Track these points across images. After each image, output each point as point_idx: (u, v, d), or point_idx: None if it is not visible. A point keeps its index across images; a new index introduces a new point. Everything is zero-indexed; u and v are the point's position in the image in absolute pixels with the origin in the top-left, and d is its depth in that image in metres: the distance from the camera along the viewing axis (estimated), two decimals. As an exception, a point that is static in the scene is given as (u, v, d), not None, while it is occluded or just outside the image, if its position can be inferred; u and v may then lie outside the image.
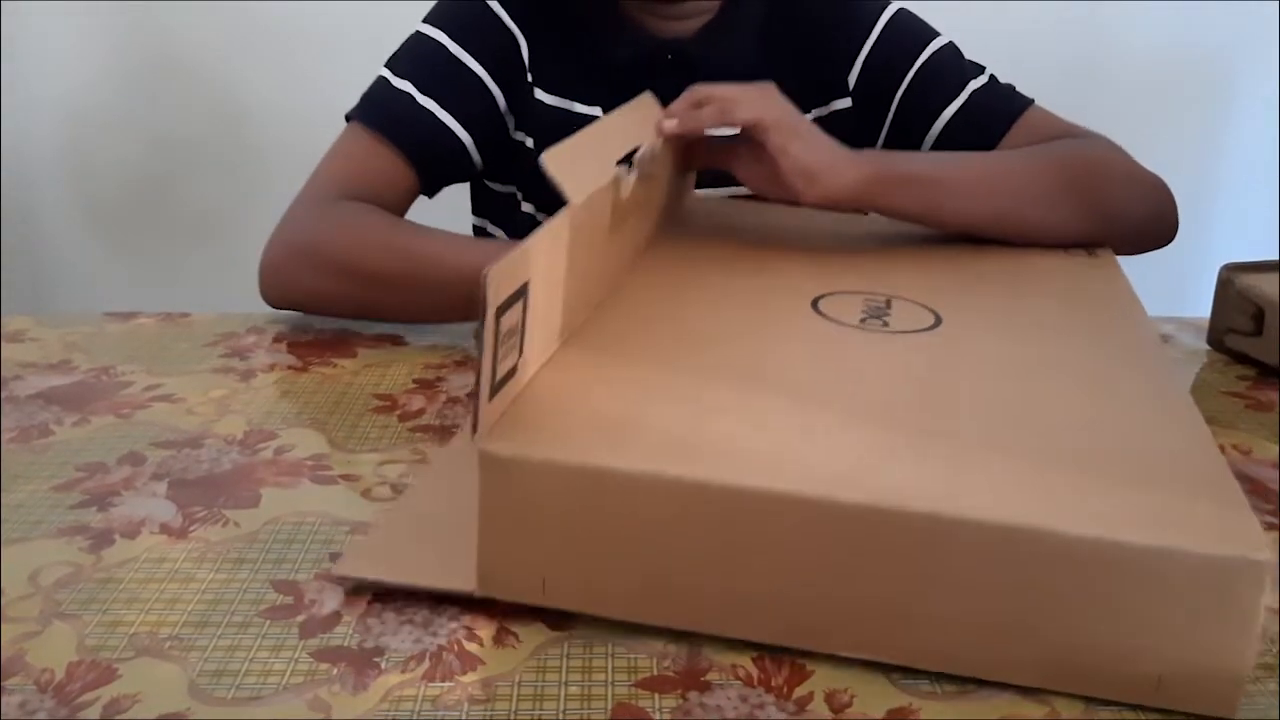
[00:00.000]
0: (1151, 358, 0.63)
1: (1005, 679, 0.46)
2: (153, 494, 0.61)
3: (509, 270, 0.47)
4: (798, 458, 0.49)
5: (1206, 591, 0.43)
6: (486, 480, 0.48)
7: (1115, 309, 0.71)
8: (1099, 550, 0.44)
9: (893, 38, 0.93)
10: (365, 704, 0.45)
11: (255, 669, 0.47)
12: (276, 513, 0.59)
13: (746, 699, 0.46)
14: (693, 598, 0.48)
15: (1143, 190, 0.89)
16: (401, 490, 0.61)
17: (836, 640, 0.47)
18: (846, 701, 0.46)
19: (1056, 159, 0.86)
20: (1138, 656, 0.44)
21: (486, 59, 0.91)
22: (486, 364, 0.46)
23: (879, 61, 0.92)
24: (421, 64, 0.91)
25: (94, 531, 0.57)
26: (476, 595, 0.50)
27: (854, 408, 0.54)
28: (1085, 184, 0.85)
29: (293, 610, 0.51)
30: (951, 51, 0.94)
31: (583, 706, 0.45)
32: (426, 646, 0.49)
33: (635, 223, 0.71)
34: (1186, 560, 0.43)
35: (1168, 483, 0.48)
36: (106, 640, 0.49)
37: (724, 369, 0.58)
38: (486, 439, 0.48)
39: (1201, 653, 0.44)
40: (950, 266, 0.78)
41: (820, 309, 0.66)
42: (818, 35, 0.93)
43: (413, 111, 0.89)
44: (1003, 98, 0.93)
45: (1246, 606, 0.43)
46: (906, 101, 0.93)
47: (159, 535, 0.57)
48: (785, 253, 0.78)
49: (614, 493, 0.47)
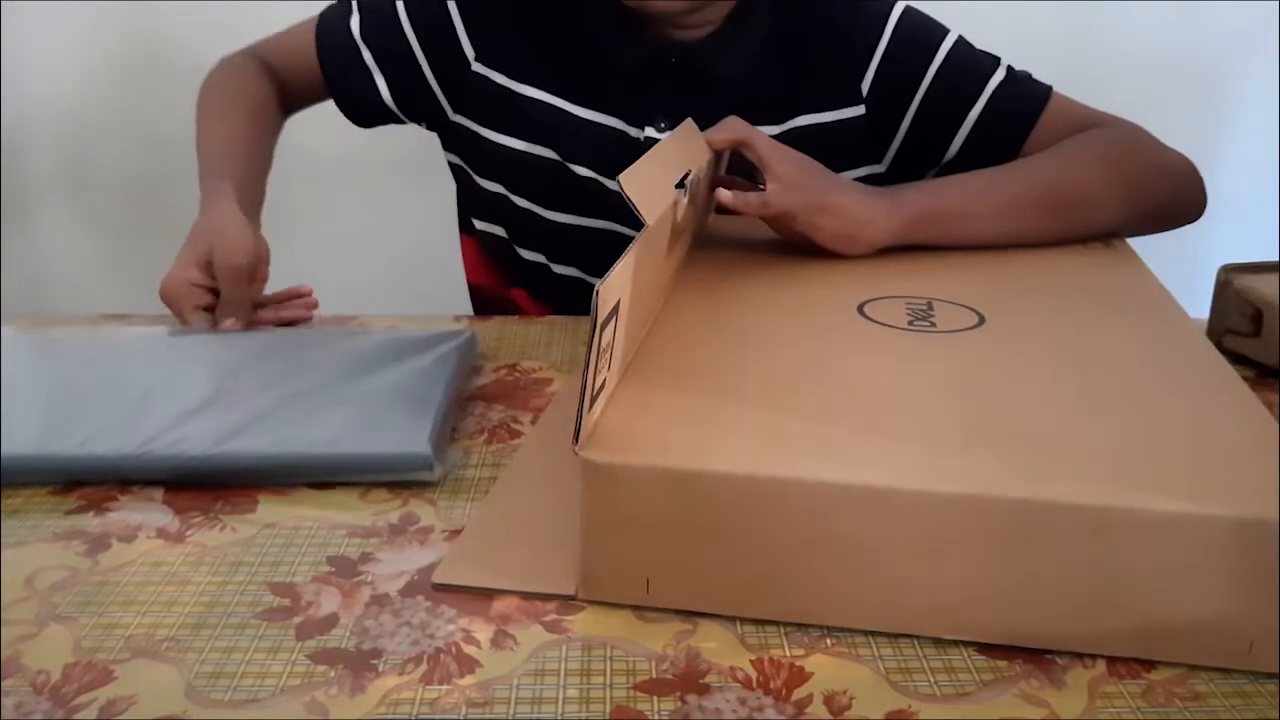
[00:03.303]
0: (1193, 342, 0.65)
1: (1102, 651, 0.48)
2: (149, 499, 0.61)
3: (612, 287, 0.49)
4: (884, 452, 0.50)
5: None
6: (589, 487, 0.49)
7: (1146, 298, 0.73)
8: (1187, 524, 0.46)
9: (904, 42, 0.91)
10: (363, 707, 0.45)
11: (252, 671, 0.47)
12: (273, 518, 0.59)
13: (745, 701, 0.46)
14: (793, 590, 0.50)
15: (1175, 178, 0.90)
16: (399, 494, 0.61)
17: (940, 624, 0.49)
18: (845, 704, 0.46)
19: (1101, 158, 0.86)
20: (1229, 623, 0.47)
21: (427, 44, 0.94)
22: (590, 376, 0.48)
23: (892, 68, 0.91)
24: (376, 17, 0.95)
25: (91, 536, 0.57)
26: (579, 598, 0.51)
27: (923, 404, 0.56)
28: (1131, 177, 0.86)
29: (290, 612, 0.51)
30: (964, 49, 0.92)
31: (581, 710, 0.45)
32: (424, 649, 0.49)
33: (681, 242, 0.74)
34: (1271, 529, 0.45)
35: (1238, 458, 0.51)
36: (103, 642, 0.49)
37: (789, 373, 0.59)
38: (588, 448, 0.49)
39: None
40: (980, 267, 0.79)
41: (866, 313, 0.68)
42: (826, 43, 0.92)
43: (346, 46, 0.96)
44: (1023, 94, 0.92)
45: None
46: (925, 108, 0.91)
47: (156, 539, 0.57)
48: (816, 263, 0.78)
49: (713, 494, 0.49)
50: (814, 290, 0.73)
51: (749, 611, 0.50)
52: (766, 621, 0.50)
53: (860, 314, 0.68)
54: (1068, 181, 0.85)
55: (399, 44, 0.94)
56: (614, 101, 0.91)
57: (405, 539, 0.57)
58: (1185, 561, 0.46)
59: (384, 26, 0.94)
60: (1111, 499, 0.47)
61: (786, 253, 0.80)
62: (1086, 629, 0.48)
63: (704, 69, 0.90)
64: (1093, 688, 0.47)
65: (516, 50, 0.93)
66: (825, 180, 0.80)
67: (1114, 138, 0.89)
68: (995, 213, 0.83)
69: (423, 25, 0.93)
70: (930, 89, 0.91)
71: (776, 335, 0.65)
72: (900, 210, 0.80)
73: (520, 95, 0.93)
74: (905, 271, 0.77)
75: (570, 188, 0.93)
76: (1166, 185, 0.89)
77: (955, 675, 0.47)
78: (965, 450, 0.51)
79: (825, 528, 0.48)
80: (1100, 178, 0.85)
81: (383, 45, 0.95)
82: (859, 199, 0.80)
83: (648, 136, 0.90)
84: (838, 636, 0.50)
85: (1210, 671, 0.48)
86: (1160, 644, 0.48)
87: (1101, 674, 0.47)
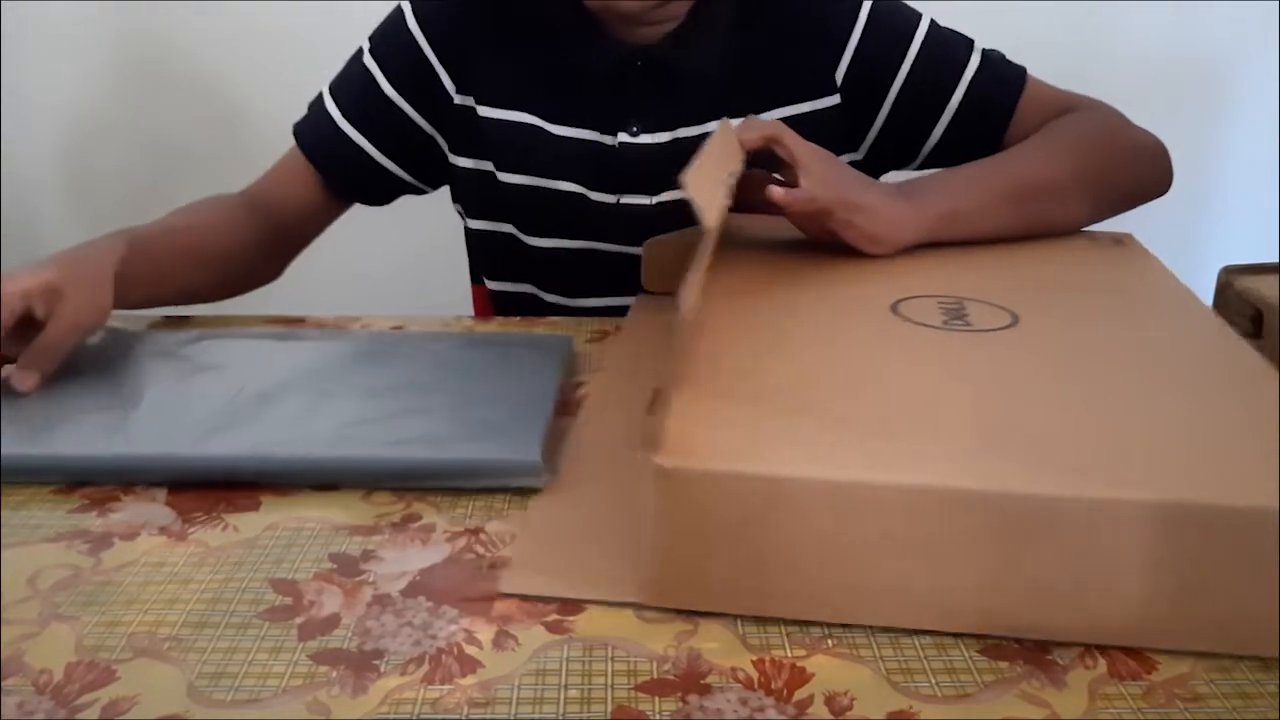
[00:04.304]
0: (1223, 335, 0.65)
1: (1182, 646, 0.49)
2: (152, 499, 0.61)
3: (693, 291, 0.49)
4: (954, 453, 0.51)
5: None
6: (664, 494, 0.49)
7: (1165, 293, 0.74)
8: (1258, 517, 0.46)
9: (878, 31, 0.91)
10: (364, 707, 0.45)
11: (254, 671, 0.47)
12: (276, 518, 0.59)
13: (746, 702, 0.46)
14: (869, 593, 0.49)
15: (1147, 160, 0.92)
16: (401, 497, 0.61)
17: (1019, 623, 0.49)
18: (846, 704, 0.46)
19: (1073, 151, 0.87)
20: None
21: (409, 91, 0.92)
22: (669, 383, 0.47)
23: (867, 56, 0.91)
24: (351, 90, 0.94)
25: (93, 536, 0.57)
26: (649, 605, 0.51)
27: (979, 403, 0.56)
28: (1100, 169, 0.87)
29: (292, 611, 0.51)
30: (936, 34, 0.92)
31: (582, 710, 0.45)
32: (426, 649, 0.49)
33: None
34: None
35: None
36: (105, 641, 0.49)
37: (837, 374, 0.59)
38: (663, 454, 0.49)
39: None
40: (1002, 266, 0.79)
41: (901, 313, 0.67)
42: (796, 32, 0.91)
43: (333, 136, 0.94)
44: (1000, 80, 0.92)
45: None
46: (902, 100, 0.91)
47: (158, 538, 0.57)
48: (843, 263, 0.78)
49: (788, 499, 0.48)
50: (845, 290, 0.73)
51: (824, 616, 0.50)
52: (768, 621, 0.50)
53: (895, 314, 0.67)
54: (1045, 176, 0.85)
55: (380, 105, 0.93)
56: (585, 112, 0.90)
57: (407, 537, 0.57)
58: (1257, 555, 0.46)
59: (361, 95, 0.93)
60: (1181, 494, 0.47)
61: (809, 252, 0.80)
62: (1164, 627, 0.48)
63: (670, 67, 0.89)
64: (1094, 688, 0.47)
65: (489, 74, 0.91)
66: (855, 178, 0.80)
67: (1088, 126, 0.90)
68: (995, 209, 0.83)
69: (396, 73, 0.92)
70: (907, 81, 0.91)
71: (814, 337, 0.65)
72: (926, 210, 0.80)
73: (496, 120, 0.91)
74: (926, 270, 0.77)
75: (552, 207, 0.92)
76: (1134, 169, 0.91)
77: (956, 676, 0.47)
78: (1033, 450, 0.51)
79: (899, 530, 0.48)
80: (1071, 170, 0.86)
81: (366, 114, 0.93)
82: (886, 199, 0.79)
83: (621, 142, 0.89)
84: (839, 637, 0.50)
85: (1211, 672, 0.48)
86: (1240, 639, 0.48)
87: (1102, 674, 0.48)
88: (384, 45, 0.93)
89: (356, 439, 0.63)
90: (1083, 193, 0.86)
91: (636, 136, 0.89)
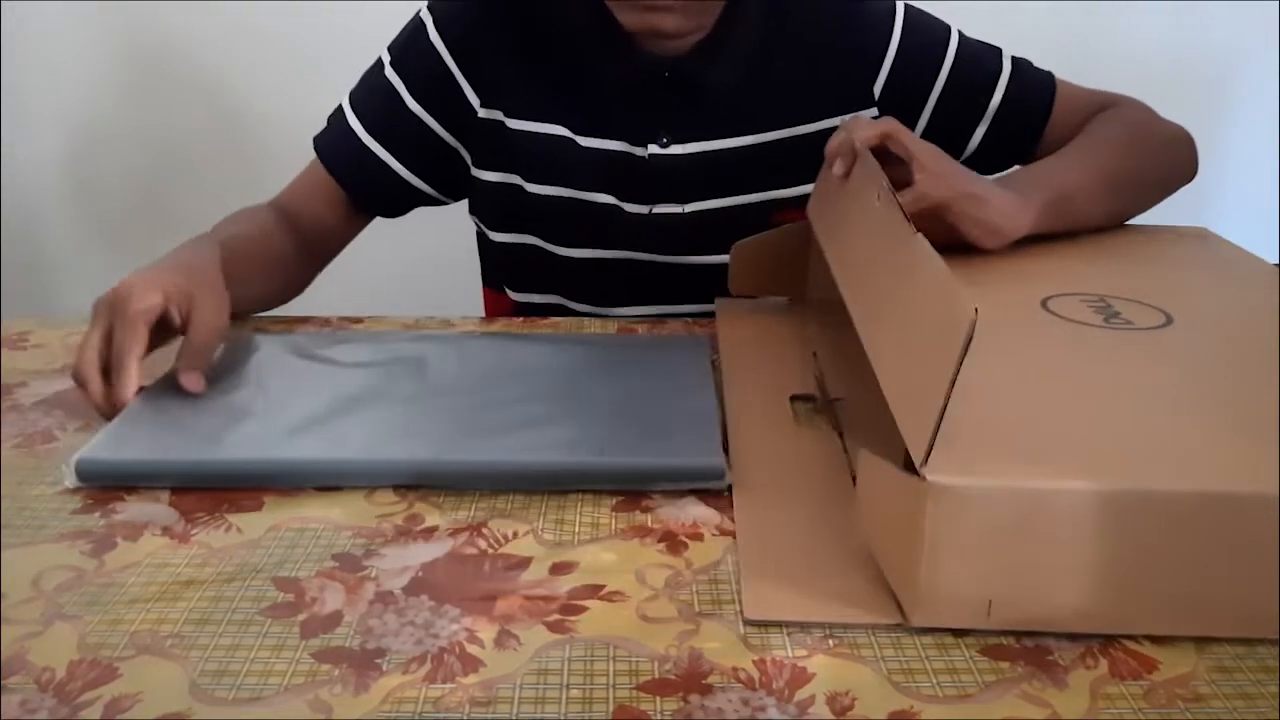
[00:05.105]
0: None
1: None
2: (155, 500, 0.61)
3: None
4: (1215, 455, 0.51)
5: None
6: (935, 510, 0.48)
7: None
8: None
9: (914, 40, 0.92)
10: (366, 705, 0.45)
11: (256, 669, 0.47)
12: (279, 519, 0.59)
13: (748, 702, 0.46)
14: (1136, 602, 0.49)
15: (1180, 151, 0.94)
16: (404, 497, 0.62)
17: None
18: (848, 704, 0.46)
19: (1126, 145, 0.90)
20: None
21: (432, 104, 0.92)
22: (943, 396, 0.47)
23: (905, 68, 0.92)
24: (372, 103, 0.94)
25: (96, 536, 0.57)
26: (912, 625, 0.50)
27: (1176, 403, 0.56)
28: (1143, 163, 0.90)
29: (294, 609, 0.51)
30: (967, 46, 0.94)
31: (584, 709, 0.45)
32: (428, 648, 0.49)
33: None
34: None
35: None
36: (107, 639, 0.49)
37: (1024, 375, 0.59)
38: (933, 470, 0.48)
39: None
40: (1113, 260, 0.81)
41: (1054, 311, 0.67)
42: (831, 44, 0.91)
43: (357, 151, 0.94)
44: (1033, 85, 0.95)
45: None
46: (940, 110, 0.93)
47: (161, 538, 0.57)
48: (971, 260, 0.78)
49: (1050, 511, 0.48)
50: (983, 289, 0.71)
51: (1093, 628, 0.50)
52: (768, 622, 0.50)
53: (1049, 312, 0.67)
54: (1124, 164, 0.88)
55: (403, 119, 0.92)
56: (614, 124, 0.90)
57: (409, 536, 0.57)
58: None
59: (384, 109, 0.93)
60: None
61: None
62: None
63: (698, 79, 0.89)
64: (1095, 688, 0.47)
65: (515, 87, 0.91)
66: (966, 172, 0.80)
67: (1129, 122, 0.93)
68: (1097, 193, 0.86)
69: (419, 87, 0.92)
70: (945, 90, 0.92)
71: (995, 341, 0.62)
72: (1032, 200, 0.81)
73: (525, 133, 0.91)
74: (1053, 266, 0.77)
75: (585, 217, 0.92)
76: (1170, 161, 0.94)
77: (957, 676, 0.47)
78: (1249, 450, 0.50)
79: (1159, 537, 0.48)
80: (1132, 163, 0.89)
81: (390, 129, 0.93)
82: (996, 191, 0.80)
83: (652, 154, 0.90)
84: (840, 637, 0.50)
85: (1213, 672, 0.48)
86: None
87: (1104, 674, 0.48)
88: (406, 58, 0.93)
89: (523, 443, 0.63)
90: (1137, 185, 0.89)
91: (667, 148, 0.90)
